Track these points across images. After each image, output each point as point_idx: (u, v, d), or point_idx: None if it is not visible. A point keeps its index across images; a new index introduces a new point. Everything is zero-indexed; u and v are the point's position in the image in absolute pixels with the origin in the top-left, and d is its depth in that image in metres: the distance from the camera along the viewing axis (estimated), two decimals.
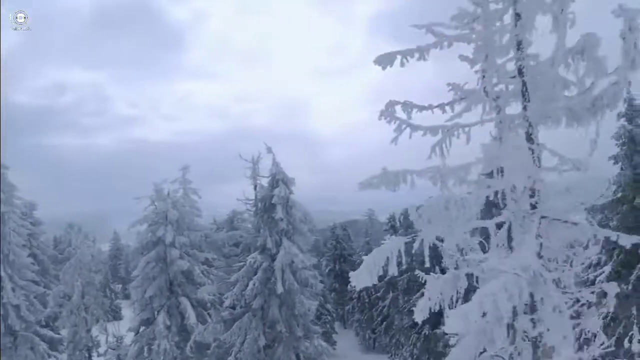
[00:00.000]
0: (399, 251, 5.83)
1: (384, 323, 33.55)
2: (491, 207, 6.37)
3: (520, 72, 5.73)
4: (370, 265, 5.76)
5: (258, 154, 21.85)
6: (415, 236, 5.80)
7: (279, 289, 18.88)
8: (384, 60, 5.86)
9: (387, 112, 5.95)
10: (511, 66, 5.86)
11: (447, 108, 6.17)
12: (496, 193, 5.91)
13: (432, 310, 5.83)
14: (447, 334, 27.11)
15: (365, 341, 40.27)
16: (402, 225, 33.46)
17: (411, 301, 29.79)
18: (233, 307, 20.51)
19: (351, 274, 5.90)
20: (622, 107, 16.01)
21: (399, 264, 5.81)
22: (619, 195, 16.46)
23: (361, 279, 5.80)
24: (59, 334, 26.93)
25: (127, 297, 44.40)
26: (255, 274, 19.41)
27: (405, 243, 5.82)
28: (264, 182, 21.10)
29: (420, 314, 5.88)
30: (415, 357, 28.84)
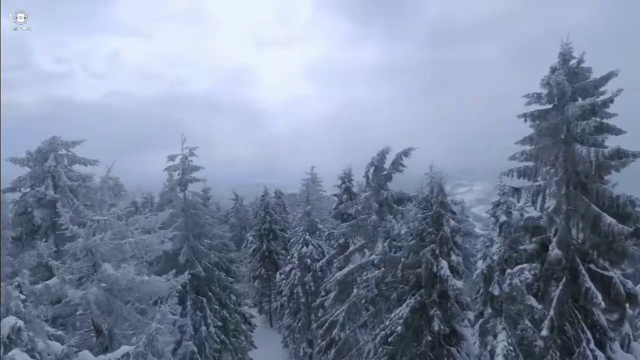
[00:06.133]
0: None
1: (336, 346, 21.60)
2: None
3: None
4: None
5: None
6: None
7: None
8: None
9: None
10: None
11: None
12: None
13: None
14: None
15: (298, 358, 28.31)
16: (369, 184, 21.44)
17: (391, 318, 17.83)
18: None
19: None
20: None
21: None
22: None
23: None
24: None
25: None
26: None
27: None
28: None
29: None
30: None
